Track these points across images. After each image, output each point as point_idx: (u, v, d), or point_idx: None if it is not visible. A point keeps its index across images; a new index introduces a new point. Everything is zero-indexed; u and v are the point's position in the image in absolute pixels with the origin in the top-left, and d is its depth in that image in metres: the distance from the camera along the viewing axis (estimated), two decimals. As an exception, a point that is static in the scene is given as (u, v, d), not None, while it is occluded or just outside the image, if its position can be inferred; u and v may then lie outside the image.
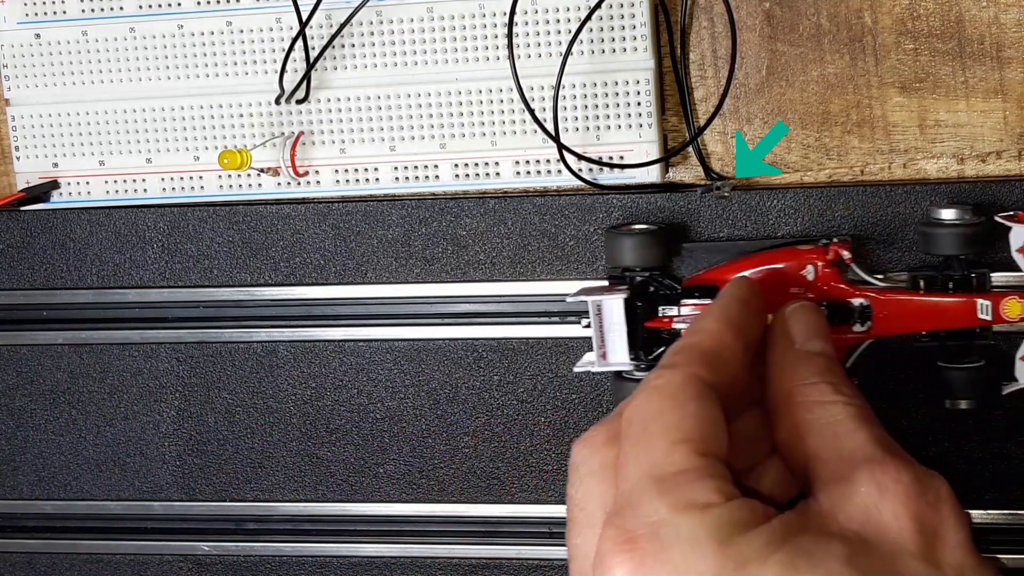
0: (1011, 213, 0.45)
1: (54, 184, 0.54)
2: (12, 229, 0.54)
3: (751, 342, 0.39)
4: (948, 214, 0.45)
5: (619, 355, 0.47)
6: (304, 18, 0.49)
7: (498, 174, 0.50)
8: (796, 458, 0.37)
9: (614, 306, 0.47)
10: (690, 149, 0.50)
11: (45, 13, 0.52)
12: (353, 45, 0.50)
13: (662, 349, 0.47)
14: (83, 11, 0.52)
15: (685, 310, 0.47)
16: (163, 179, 0.53)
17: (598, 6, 0.47)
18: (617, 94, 0.48)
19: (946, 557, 0.34)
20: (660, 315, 0.47)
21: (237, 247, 0.52)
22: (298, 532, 0.54)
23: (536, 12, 0.48)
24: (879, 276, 0.46)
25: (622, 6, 0.48)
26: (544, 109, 0.48)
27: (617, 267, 0.48)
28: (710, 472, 0.34)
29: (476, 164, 0.50)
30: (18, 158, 0.53)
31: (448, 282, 0.51)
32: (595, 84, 0.48)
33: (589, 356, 0.48)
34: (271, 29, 0.51)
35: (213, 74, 0.51)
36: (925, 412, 0.47)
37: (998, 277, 0.46)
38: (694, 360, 0.37)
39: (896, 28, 0.48)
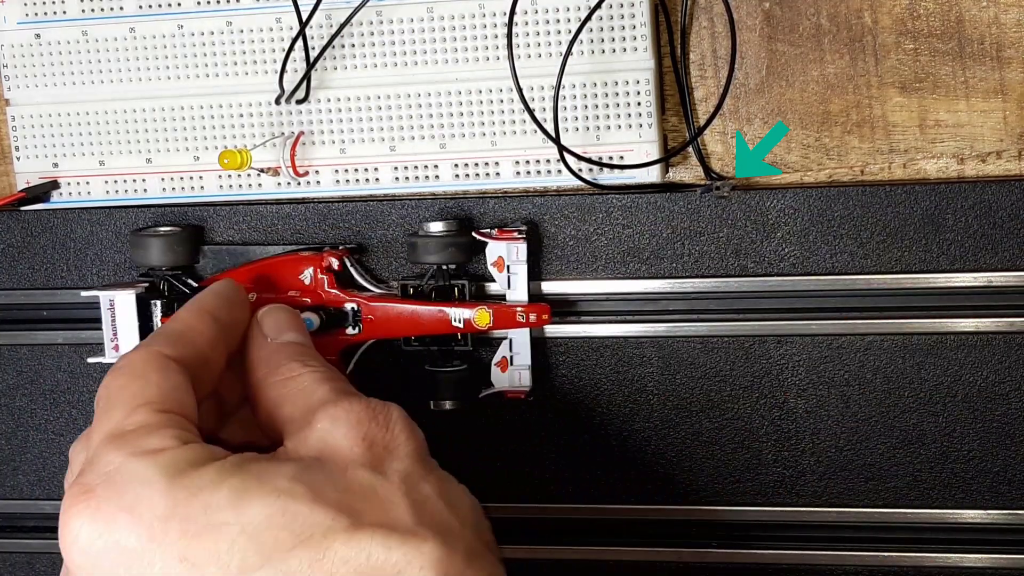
0: (489, 231, 0.49)
1: (54, 184, 0.54)
2: (12, 229, 0.54)
3: (226, 327, 0.43)
4: (432, 227, 0.49)
5: (130, 347, 0.49)
6: (304, 18, 0.49)
7: (498, 174, 0.50)
8: (276, 433, 0.41)
9: (126, 301, 0.50)
10: (690, 149, 0.50)
11: (45, 13, 0.52)
12: (353, 45, 0.50)
13: None
14: (83, 11, 0.52)
15: None
16: (163, 179, 0.53)
17: (598, 6, 0.47)
18: (617, 94, 0.48)
19: (394, 466, 0.38)
20: (174, 312, 0.49)
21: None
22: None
23: (536, 12, 0.48)
24: (381, 284, 0.50)
25: (622, 6, 0.48)
26: (544, 109, 0.48)
27: (144, 265, 0.51)
28: (168, 424, 0.38)
29: (476, 164, 0.50)
30: (18, 158, 0.53)
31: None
32: (595, 84, 0.48)
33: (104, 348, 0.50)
34: (271, 29, 0.51)
35: (213, 74, 0.51)
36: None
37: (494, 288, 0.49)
38: (158, 341, 0.41)
39: (896, 28, 0.48)
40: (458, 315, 0.48)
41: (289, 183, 0.51)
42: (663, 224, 0.49)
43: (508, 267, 0.48)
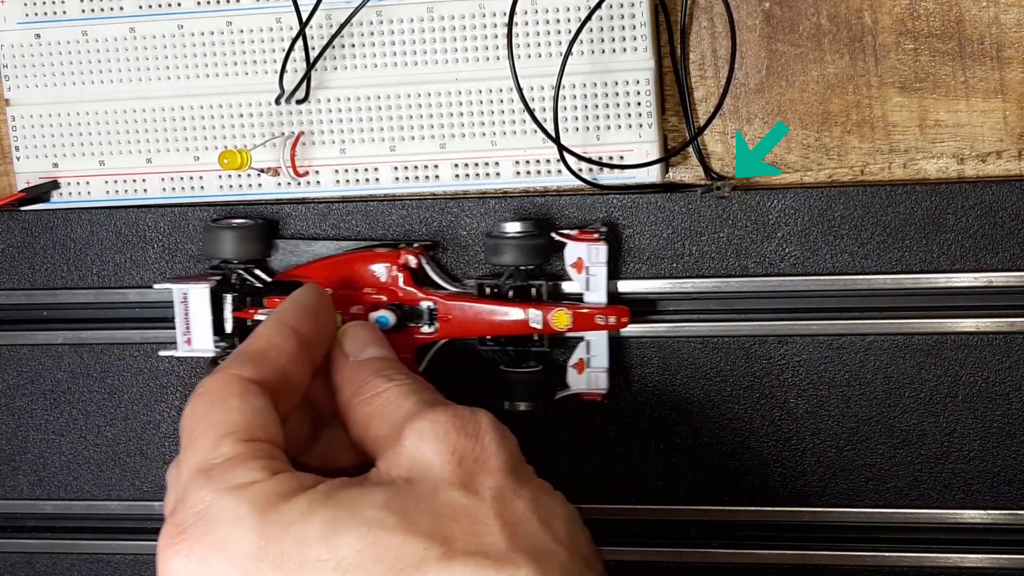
0: (569, 232, 0.48)
1: (54, 184, 0.54)
2: (12, 229, 0.54)
3: (309, 340, 0.42)
4: (509, 227, 0.48)
5: (202, 342, 0.49)
6: (304, 18, 0.49)
7: (498, 174, 0.50)
8: (369, 453, 0.40)
9: (199, 295, 0.49)
10: (690, 149, 0.50)
11: (45, 13, 0.52)
12: (353, 45, 0.50)
13: None
14: (83, 11, 0.52)
15: (267, 303, 0.49)
16: (163, 179, 0.53)
17: (598, 6, 0.47)
18: (617, 94, 0.48)
19: (485, 481, 0.37)
20: (246, 306, 0.49)
21: (237, 247, 0.52)
22: (298, 532, 0.54)
23: (536, 12, 0.48)
24: (457, 282, 0.49)
25: (622, 6, 0.48)
26: (544, 109, 0.48)
27: (216, 258, 0.50)
28: (255, 455, 0.37)
29: (476, 164, 0.50)
30: (18, 158, 0.53)
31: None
32: (595, 84, 0.48)
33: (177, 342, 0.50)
34: (271, 29, 0.51)
35: (213, 74, 0.51)
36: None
37: (569, 287, 0.49)
38: (237, 362, 0.40)
39: (896, 28, 0.48)
40: (536, 316, 0.47)
41: (289, 183, 0.51)
42: (663, 224, 0.49)
43: (587, 268, 0.48)
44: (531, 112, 0.47)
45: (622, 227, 0.49)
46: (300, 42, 0.50)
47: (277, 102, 0.51)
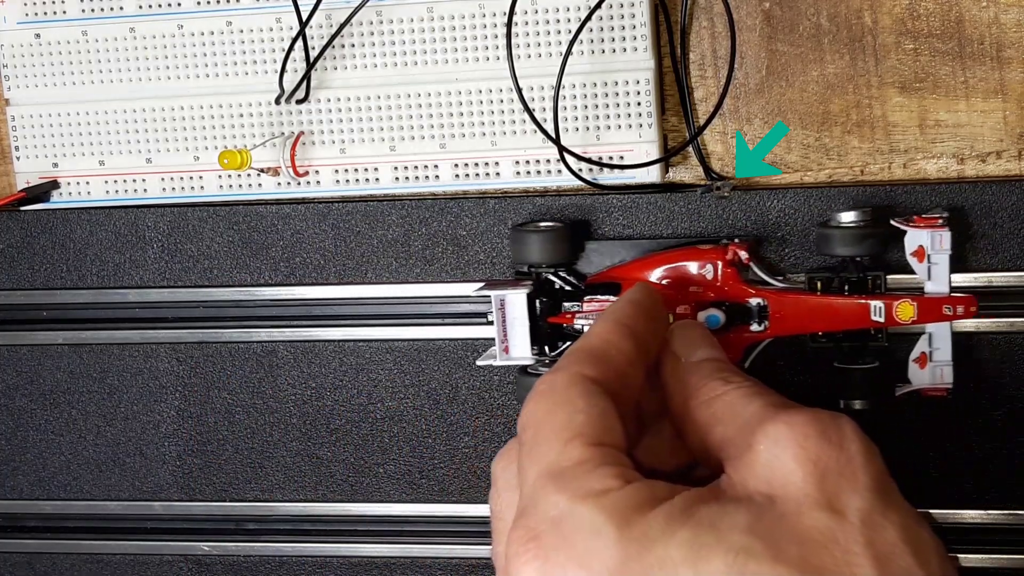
0: (906, 217, 0.46)
1: (54, 184, 0.54)
2: (12, 229, 0.54)
3: (644, 340, 0.40)
4: (845, 216, 0.46)
5: (521, 349, 0.48)
6: (304, 18, 0.49)
7: (498, 174, 0.50)
8: (711, 457, 0.38)
9: (517, 301, 0.47)
10: (690, 149, 0.50)
11: (45, 13, 0.52)
12: (353, 45, 0.50)
13: (566, 344, 0.48)
14: (83, 11, 0.52)
15: (586, 307, 0.48)
16: (163, 179, 0.53)
17: (598, 6, 0.47)
18: (617, 94, 0.48)
19: (852, 502, 0.34)
20: (562, 311, 0.48)
21: (237, 247, 0.52)
22: (298, 532, 0.54)
23: (536, 12, 0.48)
24: (779, 277, 0.47)
25: (622, 6, 0.48)
26: (544, 109, 0.48)
27: (523, 263, 0.49)
28: (605, 460, 0.35)
29: (476, 164, 0.50)
30: (18, 158, 0.53)
31: (448, 282, 0.51)
32: (595, 84, 0.48)
33: (493, 350, 0.48)
34: (271, 29, 0.51)
35: (213, 74, 0.51)
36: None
37: (895, 279, 0.47)
38: (579, 360, 0.38)
39: (896, 28, 0.48)
40: (879, 308, 0.45)
41: (289, 183, 0.51)
42: (663, 224, 0.49)
43: (929, 256, 0.45)
44: (531, 112, 0.47)
45: (623, 227, 0.49)
46: (300, 42, 0.50)
47: (277, 102, 0.51)
